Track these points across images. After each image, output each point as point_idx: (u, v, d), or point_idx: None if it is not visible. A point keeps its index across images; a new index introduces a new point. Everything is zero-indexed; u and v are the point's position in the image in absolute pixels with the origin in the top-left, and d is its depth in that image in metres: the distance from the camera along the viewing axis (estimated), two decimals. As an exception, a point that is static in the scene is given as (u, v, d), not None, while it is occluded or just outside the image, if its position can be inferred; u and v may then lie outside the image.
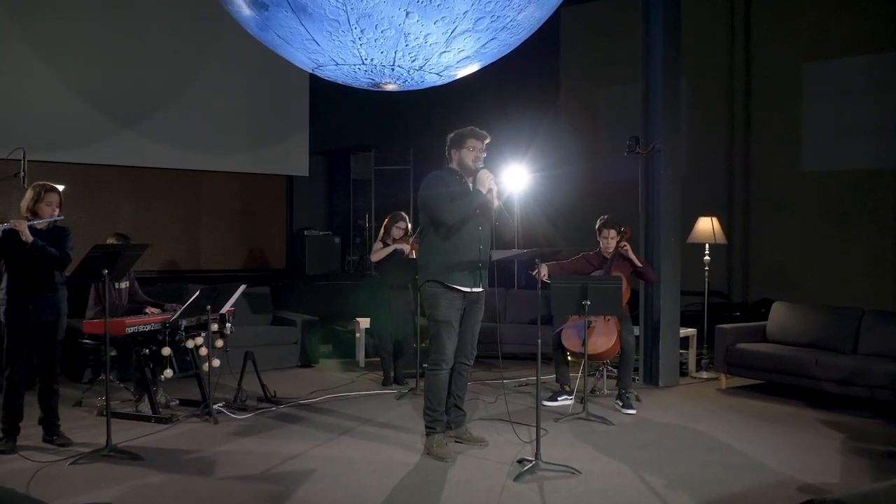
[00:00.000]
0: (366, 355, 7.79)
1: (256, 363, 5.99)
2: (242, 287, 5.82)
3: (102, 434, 4.63)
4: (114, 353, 5.82)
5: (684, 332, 7.15)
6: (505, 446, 4.84)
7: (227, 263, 9.21)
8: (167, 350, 5.40)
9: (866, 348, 6.13)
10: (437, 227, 4.68)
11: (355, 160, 9.79)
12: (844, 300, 6.99)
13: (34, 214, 4.66)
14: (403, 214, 6.79)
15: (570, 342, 5.90)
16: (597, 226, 6.19)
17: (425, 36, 4.44)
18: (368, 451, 4.77)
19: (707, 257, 7.45)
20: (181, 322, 5.52)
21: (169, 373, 5.47)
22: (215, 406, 5.54)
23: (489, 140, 4.74)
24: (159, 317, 5.57)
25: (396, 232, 6.67)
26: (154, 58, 8.43)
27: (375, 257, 6.65)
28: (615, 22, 9.57)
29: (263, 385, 6.00)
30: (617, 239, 6.10)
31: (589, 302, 5.23)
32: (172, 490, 4.07)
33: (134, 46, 8.32)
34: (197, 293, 5.38)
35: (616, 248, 6.09)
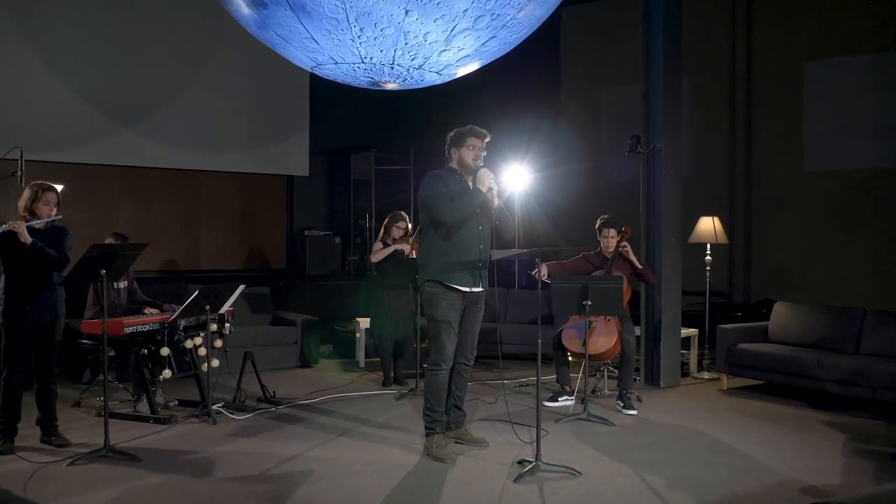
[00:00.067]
0: (366, 355, 7.77)
1: (256, 363, 5.97)
2: (241, 287, 5.79)
3: (101, 434, 4.60)
4: (112, 354, 5.81)
5: (685, 333, 7.13)
6: (505, 447, 4.81)
7: (228, 263, 9.20)
8: (166, 350, 5.38)
9: (868, 349, 6.10)
10: (437, 227, 4.66)
11: (356, 160, 9.79)
12: (846, 300, 6.97)
13: (32, 214, 4.64)
14: (403, 214, 6.77)
15: (571, 342, 5.87)
16: (597, 225, 6.16)
17: (425, 34, 4.42)
18: (367, 452, 4.75)
19: (708, 257, 7.42)
20: (180, 322, 5.50)
21: (167, 373, 5.46)
22: (214, 406, 5.52)
23: (489, 139, 4.72)
24: (158, 317, 5.55)
25: (396, 232, 6.65)
26: (154, 58, 8.42)
27: (375, 258, 6.63)
28: (615, 21, 9.56)
29: (263, 385, 5.98)
30: (617, 238, 6.07)
31: (589, 302, 5.22)
32: (170, 491, 4.05)
33: (134, 46, 8.32)
34: (195, 293, 5.36)
35: (616, 248, 6.07)
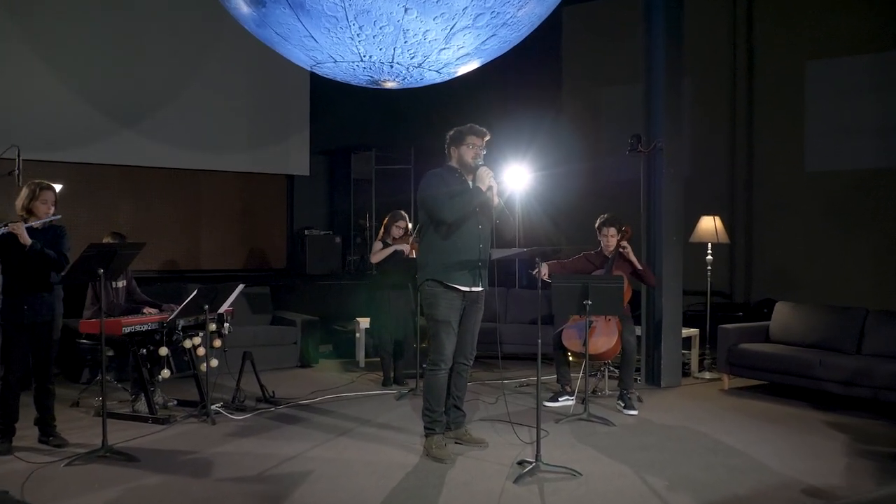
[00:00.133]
0: (366, 355, 7.75)
1: (255, 363, 5.95)
2: (241, 287, 5.78)
3: (99, 435, 4.58)
4: (111, 353, 5.80)
5: (686, 333, 7.10)
6: (505, 447, 4.79)
7: (228, 263, 9.19)
8: (164, 350, 5.36)
9: (870, 349, 6.07)
10: (437, 226, 4.63)
11: (356, 159, 9.77)
12: (847, 300, 6.94)
13: (29, 213, 4.62)
14: (403, 213, 6.75)
15: (571, 342, 5.85)
16: (597, 224, 6.13)
17: (424, 32, 4.40)
18: (367, 453, 4.73)
19: (709, 257, 7.40)
20: (179, 322, 5.48)
21: (166, 373, 5.44)
22: (213, 406, 5.50)
23: (489, 137, 4.70)
24: (156, 316, 5.53)
25: (396, 231, 6.63)
26: (154, 58, 8.41)
27: (375, 258, 6.61)
28: (616, 21, 9.54)
29: (262, 385, 5.96)
30: (618, 237, 6.04)
31: (590, 301, 5.20)
32: (167, 492, 4.03)
33: (134, 46, 8.30)
34: (194, 293, 5.34)
35: (617, 247, 6.04)
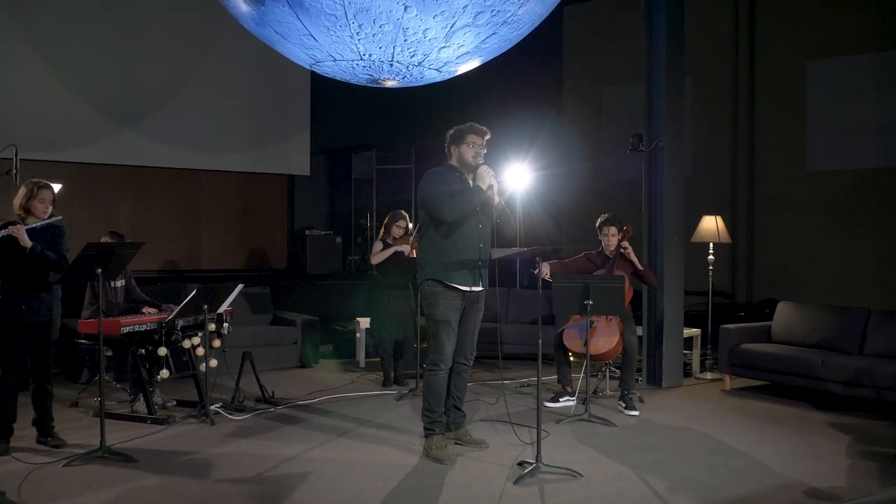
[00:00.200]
0: (366, 355, 7.73)
1: (255, 363, 5.93)
2: (240, 287, 5.75)
3: (97, 435, 4.55)
4: (110, 353, 5.78)
5: (688, 333, 7.07)
6: (505, 448, 4.76)
7: (228, 263, 9.18)
8: (163, 350, 5.34)
9: (873, 349, 6.04)
10: (437, 225, 4.61)
11: (357, 159, 9.76)
12: (850, 300, 6.92)
13: (27, 212, 4.61)
14: (404, 213, 6.72)
15: (572, 342, 5.82)
16: (597, 224, 6.10)
17: (424, 31, 4.38)
18: (366, 453, 4.70)
19: (711, 256, 7.38)
20: (177, 322, 5.46)
21: (165, 373, 5.42)
22: (212, 407, 5.47)
23: (489, 136, 4.67)
24: (155, 316, 5.51)
25: (397, 231, 6.61)
26: (154, 58, 8.40)
27: (375, 259, 6.59)
28: (617, 20, 9.52)
29: (261, 386, 5.93)
30: (618, 237, 6.01)
31: (591, 301, 5.17)
32: (165, 493, 4.00)
33: (134, 46, 8.30)
34: (193, 293, 5.31)
35: (618, 247, 6.01)
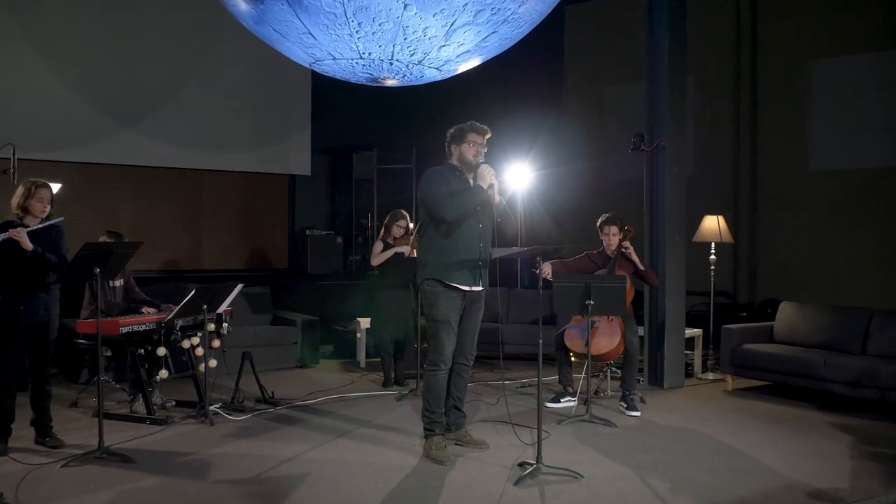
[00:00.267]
0: (366, 356, 7.71)
1: (255, 363, 5.90)
2: (239, 286, 5.73)
3: (96, 436, 4.54)
4: (109, 354, 5.76)
5: (690, 333, 7.05)
6: (506, 449, 4.74)
7: (229, 263, 9.15)
8: (162, 350, 5.32)
9: (876, 349, 6.01)
10: (437, 224, 4.58)
11: (357, 159, 9.73)
12: (852, 300, 6.88)
13: (25, 211, 4.59)
14: (404, 213, 6.70)
15: (573, 342, 5.79)
16: (598, 223, 6.07)
17: (424, 29, 4.35)
18: (366, 454, 4.68)
19: (713, 256, 7.34)
20: (177, 322, 5.44)
21: (164, 373, 5.40)
22: (212, 407, 5.45)
23: (490, 135, 4.64)
24: (154, 316, 5.48)
25: (397, 230, 6.59)
26: (154, 58, 8.38)
27: (375, 261, 6.56)
28: (619, 20, 9.49)
29: (261, 386, 5.91)
30: (620, 236, 5.98)
31: (592, 301, 5.15)
32: (163, 494, 3.98)
33: (134, 46, 8.27)
34: (192, 293, 5.29)
35: (619, 247, 5.98)
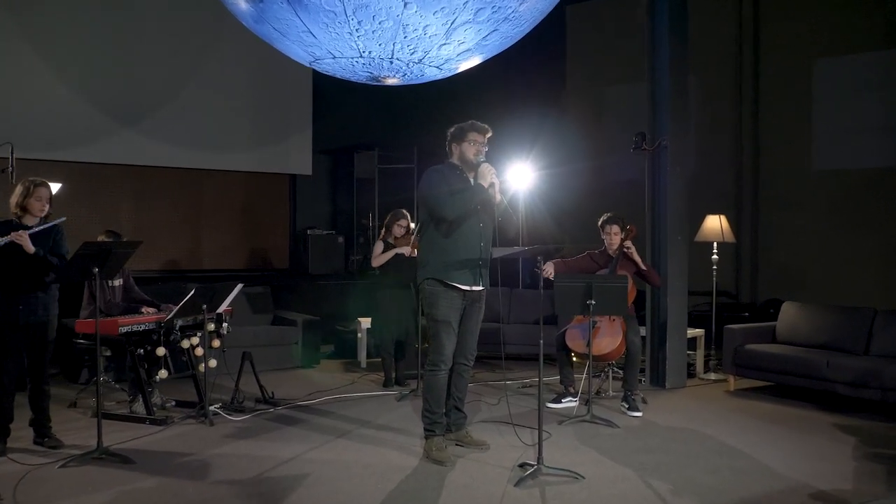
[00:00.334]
0: (367, 356, 7.69)
1: (255, 363, 5.88)
2: (239, 286, 5.71)
3: (95, 436, 4.52)
4: (109, 354, 5.74)
5: (692, 333, 7.02)
6: (506, 449, 4.71)
7: (230, 263, 9.14)
8: (162, 350, 5.30)
9: (879, 349, 5.98)
10: (438, 224, 4.56)
11: (359, 159, 9.72)
12: (855, 300, 6.85)
13: (23, 210, 4.57)
14: (405, 212, 6.67)
15: (575, 343, 5.77)
16: (600, 223, 6.04)
17: (424, 27, 4.33)
18: (366, 455, 4.65)
19: (715, 256, 7.31)
20: (176, 322, 5.42)
21: (164, 373, 5.38)
22: (212, 407, 5.43)
23: (490, 134, 4.62)
24: (154, 316, 5.46)
25: (398, 230, 6.57)
26: (154, 58, 8.36)
27: (376, 262, 6.55)
28: (620, 19, 9.46)
29: (261, 386, 5.89)
30: (621, 235, 5.95)
31: (594, 301, 5.12)
32: (162, 494, 3.96)
33: (134, 46, 8.26)
34: (191, 292, 5.27)
35: (621, 246, 5.95)
